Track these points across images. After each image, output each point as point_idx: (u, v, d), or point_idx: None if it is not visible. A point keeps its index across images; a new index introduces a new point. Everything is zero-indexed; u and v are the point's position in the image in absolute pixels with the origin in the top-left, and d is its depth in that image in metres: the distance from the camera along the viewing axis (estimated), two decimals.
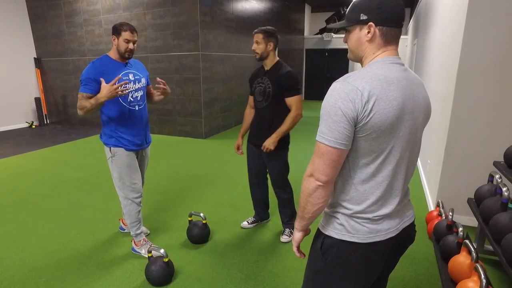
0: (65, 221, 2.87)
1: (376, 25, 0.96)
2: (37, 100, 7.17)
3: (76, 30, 6.56)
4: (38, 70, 7.23)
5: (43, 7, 6.79)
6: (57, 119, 7.52)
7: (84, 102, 2.02)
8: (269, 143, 2.26)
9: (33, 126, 7.17)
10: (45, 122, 7.40)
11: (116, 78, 1.99)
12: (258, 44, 2.21)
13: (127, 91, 2.10)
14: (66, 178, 3.93)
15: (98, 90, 2.03)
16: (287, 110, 2.27)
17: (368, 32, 0.97)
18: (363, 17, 0.96)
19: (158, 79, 2.32)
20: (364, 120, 0.89)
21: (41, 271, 2.19)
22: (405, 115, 0.94)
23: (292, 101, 2.23)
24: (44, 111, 7.38)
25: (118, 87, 1.98)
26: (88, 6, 6.26)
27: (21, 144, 5.68)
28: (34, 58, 7.21)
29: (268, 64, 2.29)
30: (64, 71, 7.02)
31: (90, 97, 2.03)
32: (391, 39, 0.98)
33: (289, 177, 2.52)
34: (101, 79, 2.01)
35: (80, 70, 6.73)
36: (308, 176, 0.98)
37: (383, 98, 0.90)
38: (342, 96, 0.90)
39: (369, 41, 0.98)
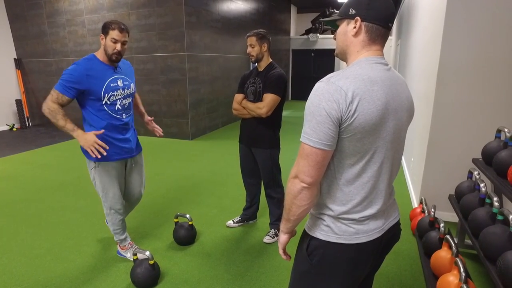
0: (47, 226, 2.80)
1: (362, 20, 0.96)
2: (18, 102, 6.98)
3: (59, 30, 6.42)
4: (19, 71, 7.04)
5: (23, 6, 6.62)
6: (39, 121, 7.34)
7: (59, 116, 1.87)
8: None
9: (14, 129, 6.98)
10: (27, 125, 7.21)
11: (102, 145, 1.86)
12: (253, 47, 2.27)
13: (98, 156, 1.87)
14: (49, 182, 3.84)
15: (77, 94, 1.92)
16: (276, 110, 2.29)
17: (354, 27, 0.98)
18: (352, 11, 0.98)
19: (154, 123, 2.37)
20: (348, 120, 0.89)
21: (22, 278, 2.14)
22: (389, 115, 0.95)
23: (267, 96, 2.23)
24: (26, 113, 7.20)
25: (97, 147, 1.83)
26: (71, 6, 6.14)
27: (1, 147, 5.51)
28: (14, 59, 7.02)
29: (262, 65, 2.34)
30: (46, 73, 6.86)
31: (67, 101, 1.91)
32: (376, 38, 0.98)
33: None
34: (102, 131, 1.92)
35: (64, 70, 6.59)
36: (293, 178, 0.97)
37: (367, 98, 0.90)
38: (326, 96, 0.89)
39: (354, 36, 0.99)
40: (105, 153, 1.87)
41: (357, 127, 0.90)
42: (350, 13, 0.98)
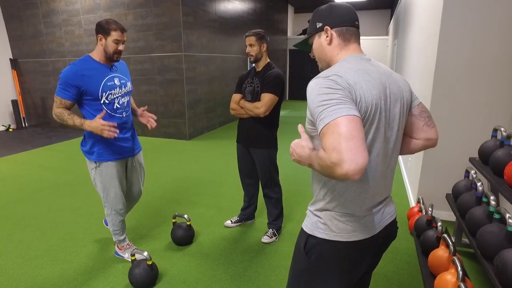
0: (44, 227, 2.79)
1: (331, 28, 1.02)
2: (14, 102, 6.93)
3: (55, 30, 6.39)
4: (15, 71, 6.99)
5: (18, 6, 6.58)
6: (36, 122, 7.29)
7: (66, 116, 1.90)
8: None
9: (10, 130, 6.93)
10: (23, 125, 7.16)
11: (111, 124, 1.88)
12: (252, 47, 2.26)
13: (115, 135, 1.91)
14: (45, 183, 3.82)
15: (78, 97, 1.92)
16: (273, 110, 2.29)
17: (327, 36, 1.03)
18: (319, 24, 1.05)
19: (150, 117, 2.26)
20: None
21: (19, 279, 2.12)
22: (381, 106, 0.95)
23: (265, 96, 2.23)
24: (22, 114, 7.15)
25: (107, 129, 1.86)
26: (67, 6, 6.11)
27: None
28: (10, 59, 6.97)
29: (260, 65, 2.33)
30: (42, 73, 6.82)
31: (70, 104, 1.93)
32: (349, 38, 1.03)
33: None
34: (104, 111, 1.90)
35: (60, 72, 6.54)
36: (334, 166, 0.76)
37: (363, 88, 0.90)
38: (333, 84, 0.87)
39: (329, 44, 1.04)
40: (117, 131, 1.91)
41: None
42: (317, 27, 1.05)
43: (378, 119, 0.94)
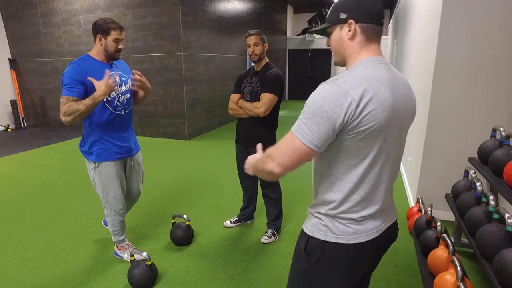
0: (43, 227, 2.78)
1: (356, 22, 0.95)
2: (13, 102, 6.92)
3: (54, 30, 6.38)
4: (14, 71, 6.98)
5: (17, 6, 6.56)
6: (35, 122, 7.28)
7: (75, 105, 1.82)
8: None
9: (9, 130, 6.92)
10: (22, 126, 7.15)
11: (108, 74, 1.86)
12: (257, 46, 2.25)
13: (119, 89, 1.97)
14: (44, 183, 3.81)
15: (84, 93, 1.90)
16: (273, 110, 2.29)
17: (349, 30, 0.96)
18: (343, 16, 0.96)
19: (134, 71, 2.12)
20: (353, 122, 0.88)
21: (18, 280, 2.12)
22: (394, 116, 0.93)
23: (264, 96, 2.24)
24: (21, 114, 7.14)
25: (112, 79, 1.86)
26: (66, 5, 6.10)
27: None
28: (9, 59, 6.95)
29: (260, 65, 2.33)
30: (41, 73, 6.80)
31: (78, 101, 1.88)
32: (372, 36, 0.97)
33: None
34: (91, 78, 1.85)
35: (59, 72, 6.55)
36: (269, 158, 0.95)
37: (374, 100, 0.88)
38: (331, 99, 0.87)
39: (350, 39, 0.97)
40: (117, 80, 1.99)
41: (364, 129, 0.89)
42: (341, 17, 0.97)
43: (386, 130, 0.93)
